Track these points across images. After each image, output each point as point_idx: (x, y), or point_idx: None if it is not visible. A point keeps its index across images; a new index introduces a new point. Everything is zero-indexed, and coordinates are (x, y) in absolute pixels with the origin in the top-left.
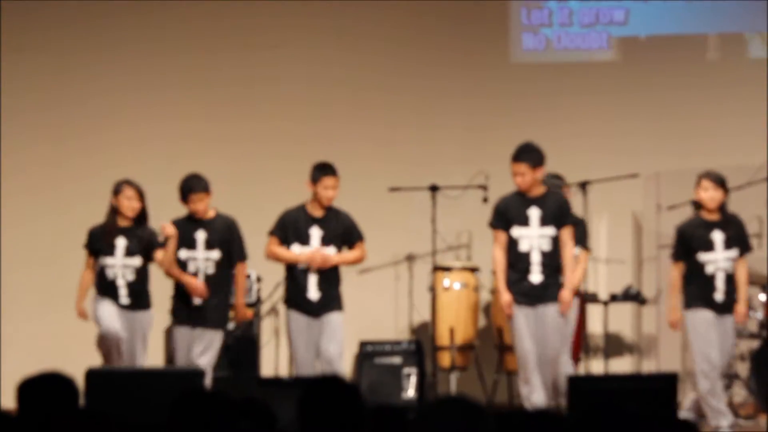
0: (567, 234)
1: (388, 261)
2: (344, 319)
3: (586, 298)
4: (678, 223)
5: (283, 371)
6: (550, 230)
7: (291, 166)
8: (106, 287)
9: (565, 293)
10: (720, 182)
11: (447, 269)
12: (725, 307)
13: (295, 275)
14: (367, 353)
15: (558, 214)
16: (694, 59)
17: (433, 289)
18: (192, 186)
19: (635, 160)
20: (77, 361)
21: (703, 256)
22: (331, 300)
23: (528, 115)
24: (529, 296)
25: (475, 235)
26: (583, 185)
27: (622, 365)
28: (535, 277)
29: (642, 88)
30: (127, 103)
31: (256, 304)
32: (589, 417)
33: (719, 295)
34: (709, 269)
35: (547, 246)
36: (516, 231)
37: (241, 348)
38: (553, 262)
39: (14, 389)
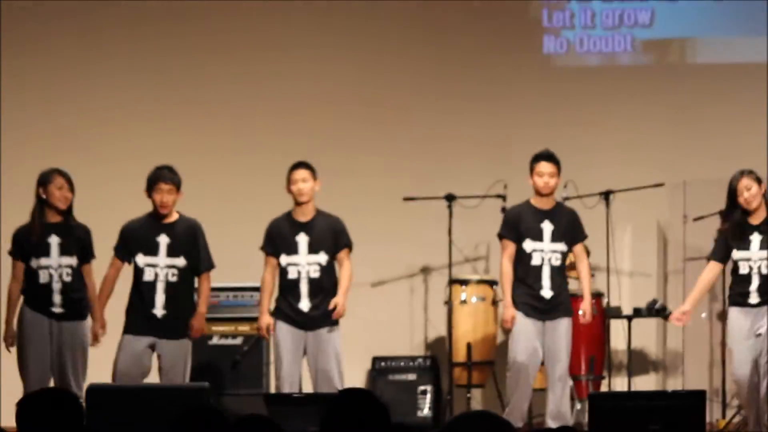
0: (581, 248)
1: (403, 274)
2: (355, 333)
3: (609, 312)
4: None
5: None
6: (561, 245)
7: None
8: (36, 294)
9: (586, 305)
10: None
11: (464, 282)
12: None
13: (287, 284)
14: (380, 369)
15: (570, 229)
16: (724, 63)
17: (449, 303)
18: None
19: (660, 168)
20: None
21: None
22: (326, 312)
23: (548, 120)
24: (539, 310)
25: (493, 246)
26: (606, 195)
27: (646, 383)
28: (546, 291)
29: (668, 93)
30: (125, 115)
31: None
32: None
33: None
34: None
35: (557, 261)
36: (529, 244)
37: (248, 364)
38: (562, 276)
39: (14, 407)
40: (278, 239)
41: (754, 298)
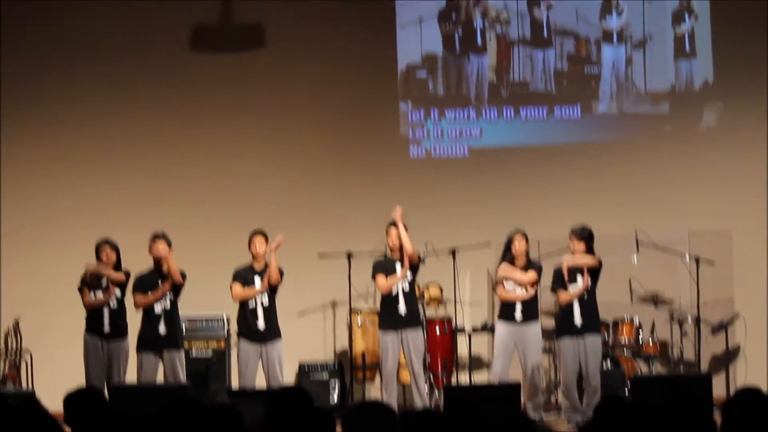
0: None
1: (318, 306)
2: (287, 347)
3: (456, 330)
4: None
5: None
6: (409, 277)
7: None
8: (92, 318)
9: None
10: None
11: (359, 311)
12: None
13: (246, 312)
14: (304, 371)
15: (413, 267)
16: (525, 163)
17: (349, 326)
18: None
19: (489, 232)
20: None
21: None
22: (274, 329)
23: (414, 201)
24: (396, 323)
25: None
26: (453, 251)
27: (481, 377)
28: (400, 308)
29: (491, 182)
30: (131, 193)
31: (227, 339)
32: (460, 414)
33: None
34: None
35: (407, 288)
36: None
37: (217, 369)
38: (412, 298)
39: (62, 400)
40: (242, 280)
41: (518, 316)
